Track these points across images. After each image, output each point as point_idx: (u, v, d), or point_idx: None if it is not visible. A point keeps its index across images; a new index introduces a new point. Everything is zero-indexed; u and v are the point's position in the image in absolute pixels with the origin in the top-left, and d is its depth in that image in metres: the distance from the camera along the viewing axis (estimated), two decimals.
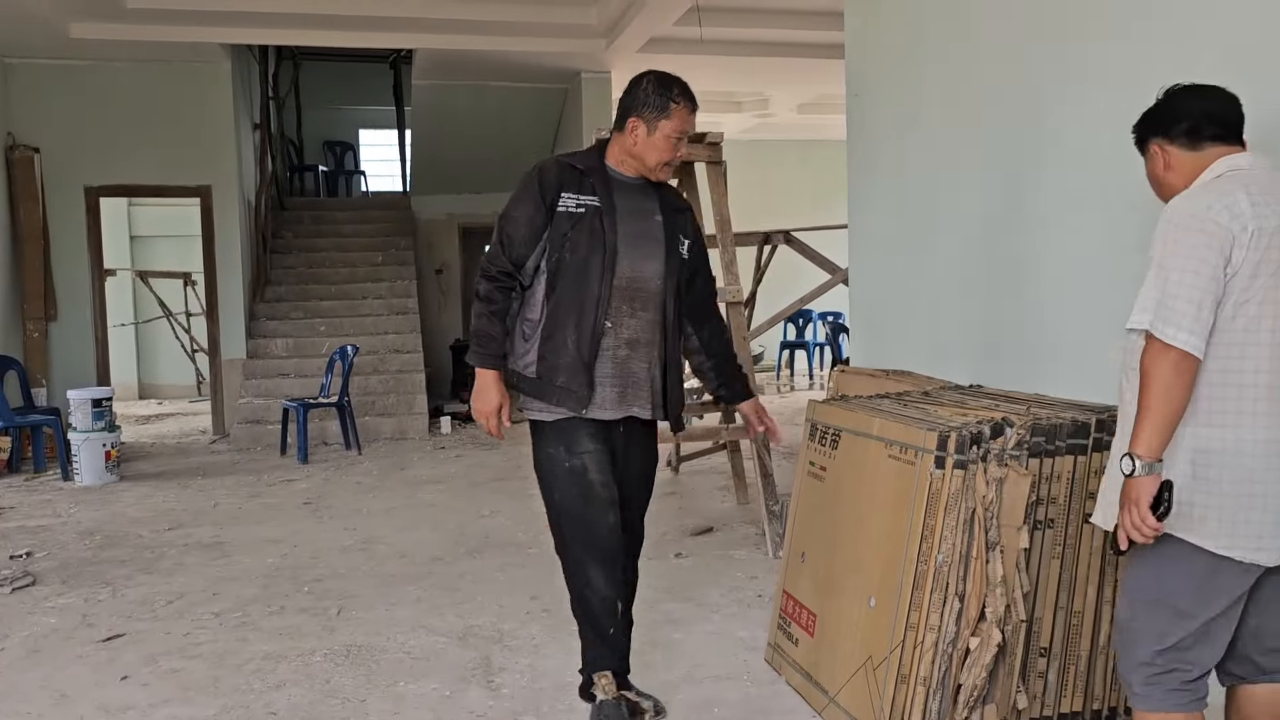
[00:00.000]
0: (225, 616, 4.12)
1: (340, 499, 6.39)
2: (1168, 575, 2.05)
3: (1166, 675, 2.08)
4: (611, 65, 9.23)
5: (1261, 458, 1.98)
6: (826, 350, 12.34)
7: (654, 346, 2.92)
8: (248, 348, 9.42)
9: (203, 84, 9.19)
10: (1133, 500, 1.98)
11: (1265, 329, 1.97)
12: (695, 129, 2.99)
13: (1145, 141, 2.23)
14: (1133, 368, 2.11)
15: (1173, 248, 1.96)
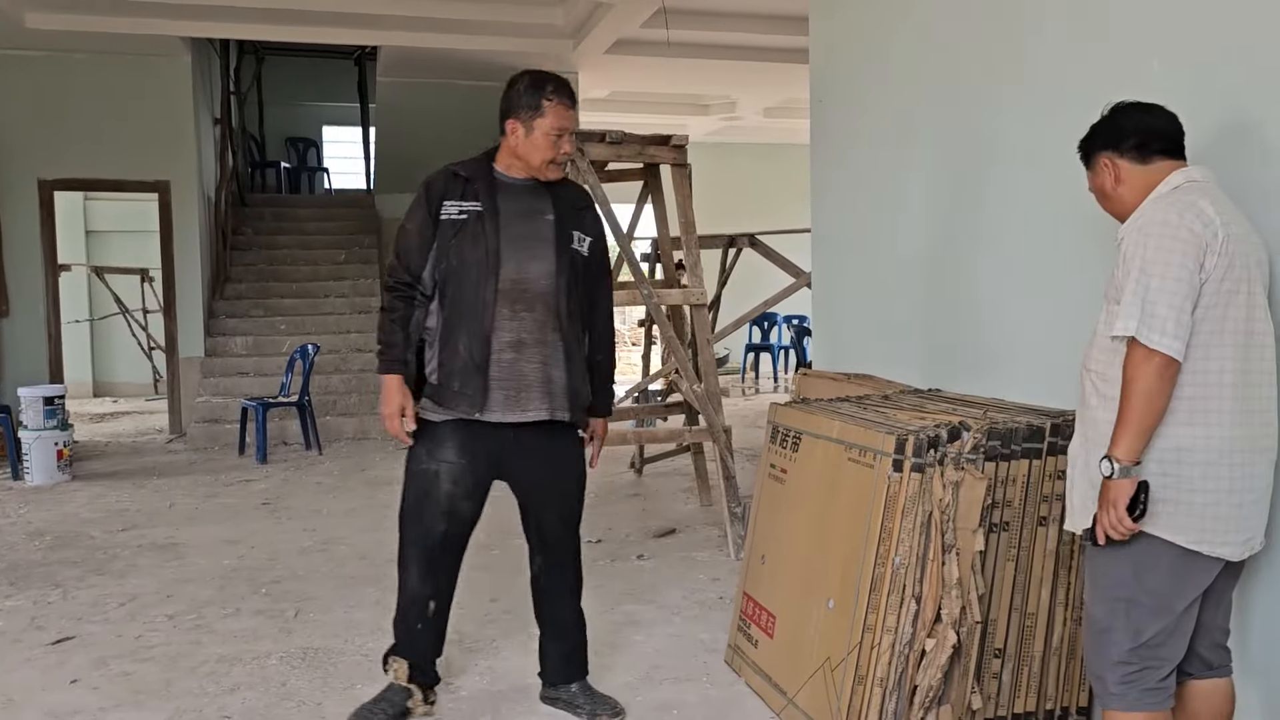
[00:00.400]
0: (179, 619, 4.06)
1: (300, 499, 6.32)
2: (1145, 572, 2.11)
3: (1140, 674, 2.14)
4: (579, 66, 9.22)
5: (1228, 454, 2.06)
6: (791, 353, 12.41)
7: (545, 346, 2.88)
8: (206, 346, 9.29)
9: (162, 77, 9.06)
10: (1111, 501, 2.06)
11: (1229, 330, 2.06)
12: (578, 124, 2.98)
13: (1092, 155, 2.30)
14: (1099, 372, 2.17)
15: (1151, 255, 2.02)
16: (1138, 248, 2.06)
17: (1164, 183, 2.17)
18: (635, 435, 5.14)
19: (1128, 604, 2.13)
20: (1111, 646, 2.16)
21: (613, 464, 7.29)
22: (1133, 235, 2.09)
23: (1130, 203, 2.22)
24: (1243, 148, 2.45)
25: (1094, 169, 2.30)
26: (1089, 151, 2.31)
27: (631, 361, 16.34)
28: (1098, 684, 2.22)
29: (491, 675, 3.43)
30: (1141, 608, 2.12)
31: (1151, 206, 2.12)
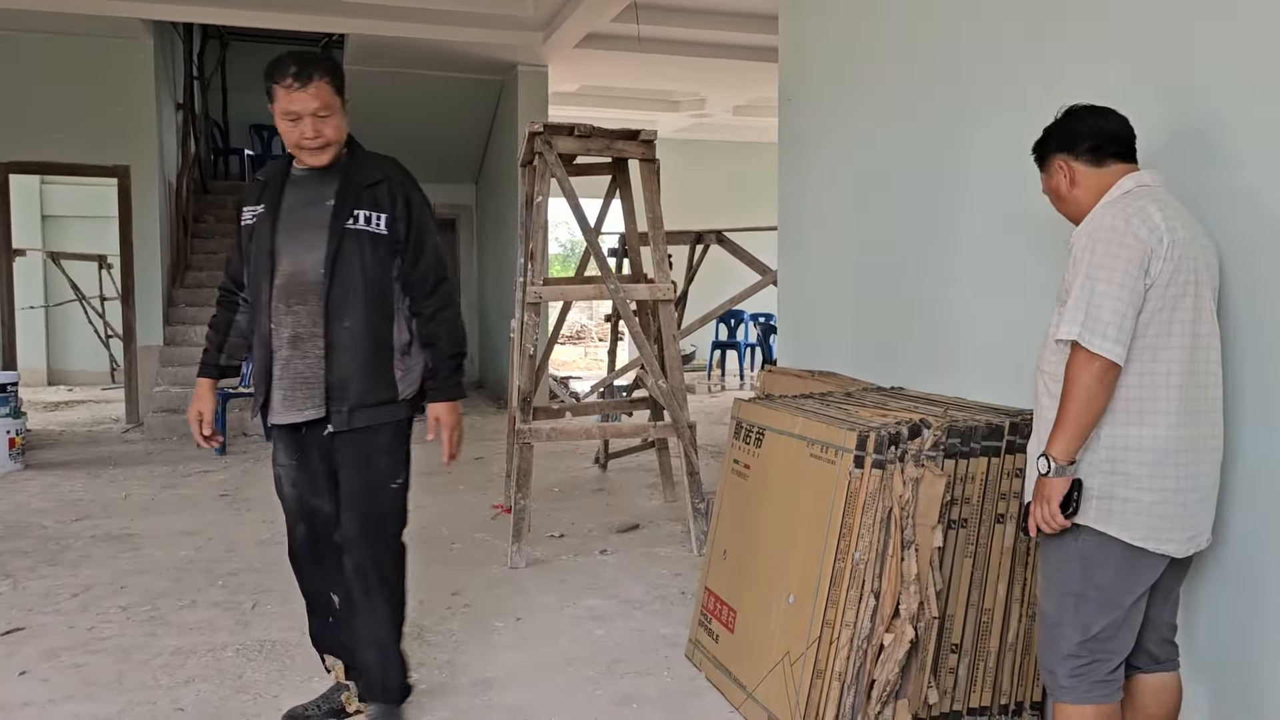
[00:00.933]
0: (133, 610, 4.00)
1: (259, 491, 6.24)
2: (1094, 568, 2.16)
3: (1090, 666, 2.19)
4: (549, 59, 9.18)
5: (1174, 454, 2.11)
6: (757, 351, 12.45)
7: (318, 340, 2.72)
8: (165, 334, 9.15)
9: (123, 60, 8.89)
10: (1045, 498, 2.12)
11: (1175, 333, 2.10)
12: (321, 104, 2.77)
13: (1047, 157, 2.34)
14: (1050, 373, 2.21)
15: (1098, 261, 2.06)
16: (1085, 252, 2.09)
17: (1116, 186, 2.22)
18: (600, 430, 5.14)
19: (1077, 598, 2.18)
20: (1061, 640, 2.21)
21: (577, 459, 7.28)
22: (1082, 240, 2.13)
23: (1085, 205, 2.26)
24: (1197, 150, 2.49)
25: (1048, 171, 2.33)
26: (1043, 153, 2.34)
27: (598, 357, 16.33)
28: (1049, 677, 2.27)
29: (450, 669, 3.41)
30: (1090, 602, 2.17)
31: (1101, 211, 2.15)
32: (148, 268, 9.13)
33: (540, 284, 4.85)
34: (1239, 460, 2.37)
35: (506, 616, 3.92)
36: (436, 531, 5.23)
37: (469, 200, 12.26)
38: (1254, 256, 2.35)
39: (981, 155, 3.32)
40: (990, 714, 2.90)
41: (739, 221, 9.63)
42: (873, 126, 4.00)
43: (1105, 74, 2.76)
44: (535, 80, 9.43)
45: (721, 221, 8.16)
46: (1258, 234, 2.33)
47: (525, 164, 5.37)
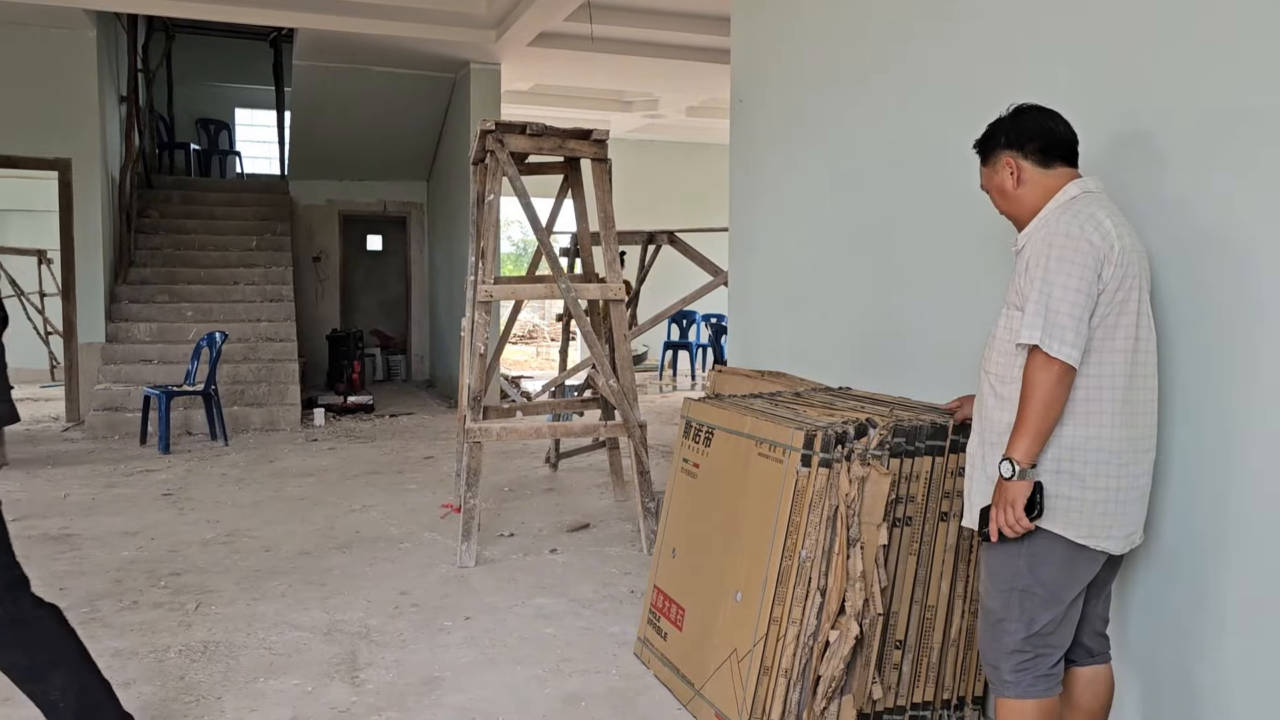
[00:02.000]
0: (72, 612, 3.88)
1: (203, 491, 6.15)
2: (1039, 565, 2.20)
3: (1033, 661, 2.23)
4: (502, 57, 9.15)
5: (1116, 454, 2.17)
6: (709, 351, 12.52)
7: None
8: (108, 331, 8.96)
9: (65, 51, 8.69)
10: (1009, 502, 2.14)
11: (1120, 337, 2.16)
12: None
13: (994, 153, 2.35)
14: (997, 374, 2.26)
15: (1054, 265, 2.10)
16: (1041, 257, 2.12)
17: (1062, 191, 2.26)
18: (551, 429, 5.13)
19: (1022, 594, 2.22)
20: (1006, 636, 2.25)
21: (528, 458, 7.27)
22: (1036, 245, 2.16)
23: (1029, 205, 2.29)
24: (1140, 155, 2.56)
25: (994, 167, 2.34)
26: (990, 148, 2.35)
27: (550, 356, 16.29)
28: (993, 673, 2.31)
29: (398, 668, 3.39)
30: (1034, 598, 2.22)
31: (1054, 217, 2.18)
32: (89, 263, 8.93)
33: (491, 283, 4.83)
34: (1172, 460, 2.45)
35: (455, 616, 3.90)
36: (384, 530, 5.19)
37: (420, 198, 12.18)
38: (1193, 261, 2.42)
39: (930, 158, 3.38)
40: (933, 709, 2.95)
41: (691, 222, 9.69)
42: (823, 128, 4.05)
43: (1052, 75, 2.82)
44: (488, 78, 9.39)
45: (673, 222, 8.20)
46: (1196, 239, 2.41)
47: (477, 162, 5.35)
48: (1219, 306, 2.35)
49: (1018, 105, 2.36)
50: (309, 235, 11.77)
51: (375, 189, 11.97)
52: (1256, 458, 2.27)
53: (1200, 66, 2.39)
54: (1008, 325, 2.24)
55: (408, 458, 7.31)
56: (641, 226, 7.27)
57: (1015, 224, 2.36)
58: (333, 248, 12.00)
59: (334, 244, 12.01)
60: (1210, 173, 2.37)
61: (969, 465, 2.39)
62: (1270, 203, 2.23)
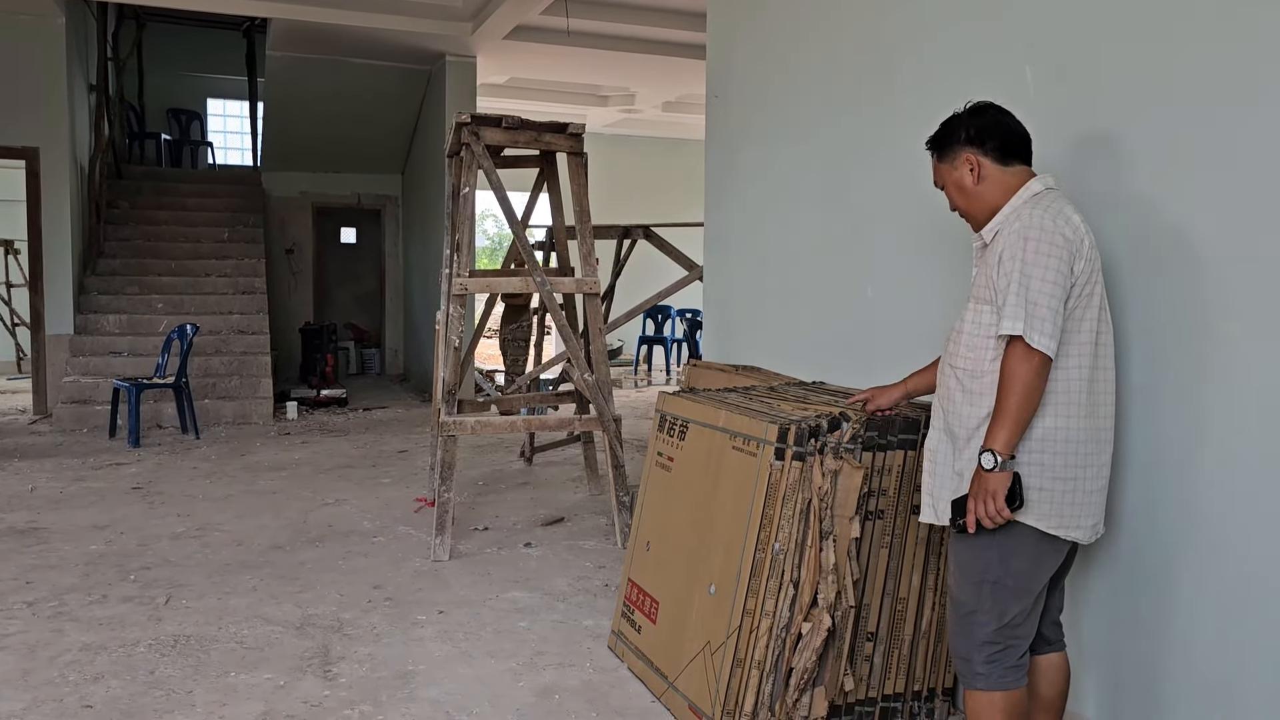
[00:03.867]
0: (39, 606, 3.87)
1: (174, 484, 6.09)
2: (1010, 556, 2.21)
3: (1004, 652, 2.25)
4: (477, 50, 9.11)
5: (1083, 444, 2.19)
6: (684, 346, 12.54)
7: None
8: (76, 323, 8.84)
9: (33, 38, 8.56)
10: (990, 493, 2.14)
11: (1084, 329, 2.18)
12: None
13: (952, 149, 2.35)
14: (966, 369, 2.26)
15: (1031, 258, 2.11)
16: (1017, 249, 2.13)
17: (1024, 188, 2.27)
18: (525, 423, 5.12)
19: (993, 586, 2.24)
20: (977, 628, 2.26)
21: (503, 452, 7.26)
22: (1010, 238, 2.16)
23: (989, 202, 2.31)
24: (1102, 154, 2.59)
25: (953, 163, 2.34)
26: (948, 145, 2.35)
27: None
28: (963, 665, 2.31)
29: (372, 663, 3.38)
30: (1005, 589, 2.23)
31: (1026, 210, 2.19)
32: (58, 254, 8.80)
33: (466, 276, 4.82)
34: (1130, 452, 2.49)
35: (429, 609, 3.89)
36: (357, 524, 5.17)
37: (395, 191, 12.11)
38: (1156, 258, 2.45)
39: (904, 154, 3.40)
40: (904, 700, 2.98)
41: (666, 217, 9.69)
42: (798, 124, 4.06)
43: (1023, 75, 2.85)
44: (463, 71, 9.34)
45: (649, 217, 8.20)
46: (1162, 236, 2.44)
47: (452, 155, 5.33)
48: (1180, 304, 2.39)
49: (975, 103, 2.37)
50: (282, 227, 11.68)
51: (349, 181, 11.89)
52: (1211, 455, 2.31)
53: (1162, 66, 2.43)
54: (976, 320, 2.25)
55: (381, 452, 7.27)
56: (617, 221, 7.26)
57: (971, 221, 2.37)
58: (306, 240, 11.91)
59: (307, 236, 11.92)
60: (1171, 171, 2.41)
61: (929, 462, 2.39)
62: (1227, 201, 2.27)
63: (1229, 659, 2.30)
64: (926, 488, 2.40)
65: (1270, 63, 2.18)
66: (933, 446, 2.38)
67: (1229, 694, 2.30)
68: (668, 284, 6.54)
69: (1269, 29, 2.18)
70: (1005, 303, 2.12)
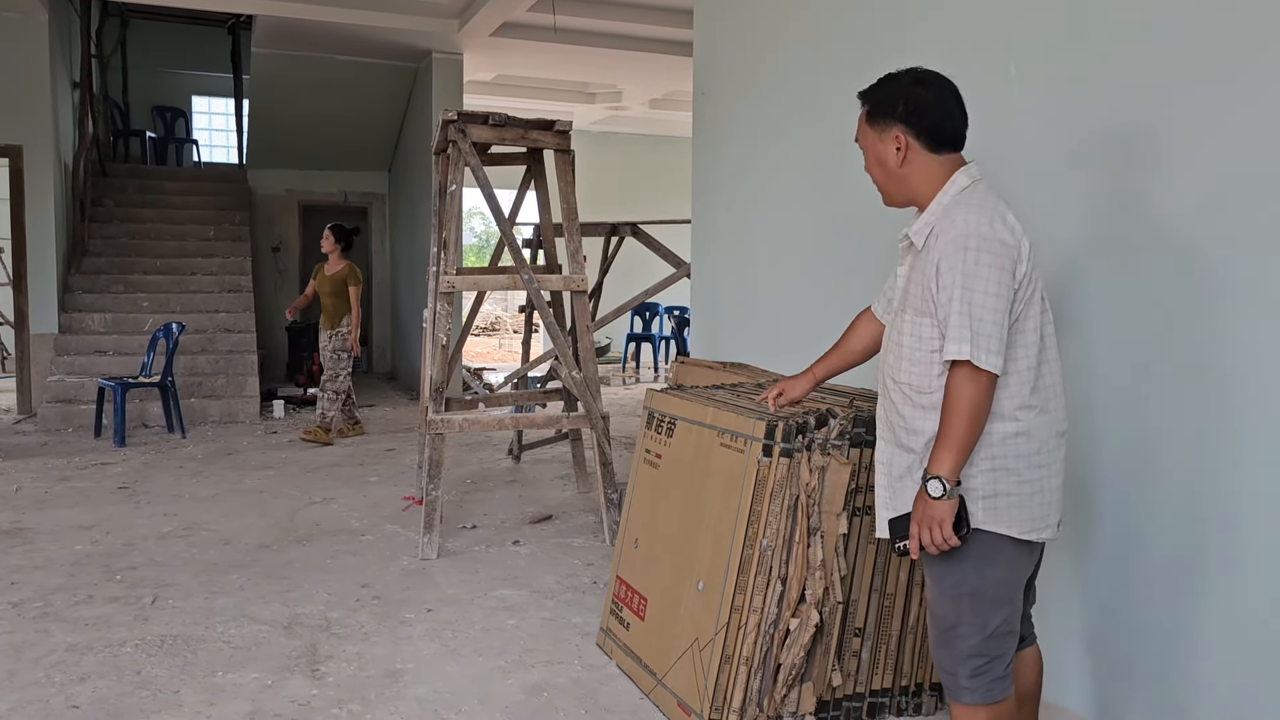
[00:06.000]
0: (24, 607, 3.85)
1: (160, 484, 6.07)
2: (986, 566, 2.12)
3: (990, 664, 2.14)
4: (464, 47, 9.09)
5: (1043, 442, 2.10)
6: (672, 344, 12.54)
7: None
8: (61, 322, 8.79)
9: (15, 34, 8.50)
10: (937, 521, 2.04)
11: (1029, 329, 2.08)
12: None
13: (884, 120, 2.16)
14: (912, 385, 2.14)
15: (972, 270, 1.99)
16: (956, 261, 2.00)
17: (951, 182, 2.13)
18: (513, 421, 5.12)
19: (973, 598, 2.14)
20: (960, 641, 2.15)
21: (491, 450, 7.25)
22: (947, 248, 2.03)
23: (911, 188, 2.18)
24: (1091, 147, 2.61)
25: (881, 134, 2.18)
26: (882, 114, 2.17)
27: (513, 348, 16.23)
28: (950, 679, 2.19)
29: (360, 661, 3.37)
30: (985, 599, 2.14)
31: (960, 215, 2.05)
32: (42, 252, 8.75)
33: (454, 273, 4.81)
34: (1102, 446, 2.50)
35: (417, 608, 3.89)
36: (345, 523, 5.16)
37: (381, 188, 12.07)
38: (1137, 252, 2.47)
39: None
40: (892, 695, 2.99)
41: (654, 214, 9.68)
42: (785, 121, 4.07)
43: (1008, 70, 2.86)
44: (450, 68, 9.32)
45: (637, 214, 8.19)
46: (1147, 235, 2.46)
47: (439, 152, 5.32)
48: (1168, 296, 2.40)
49: (920, 71, 2.17)
50: (268, 225, 11.63)
51: (336, 179, 11.85)
52: (1178, 451, 2.33)
53: (1152, 61, 2.44)
54: (916, 334, 2.12)
55: (369, 450, 7.26)
56: (604, 218, 7.25)
57: (884, 196, 2.26)
58: (292, 238, 11.86)
59: (294, 234, 11.87)
60: (1161, 170, 2.42)
61: (880, 474, 2.28)
62: (1219, 200, 2.28)
63: (1215, 653, 2.31)
64: (882, 502, 2.26)
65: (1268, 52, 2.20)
66: (885, 459, 2.26)
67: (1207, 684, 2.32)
68: (655, 281, 6.54)
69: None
70: (949, 324, 2.01)
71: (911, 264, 2.18)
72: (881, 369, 2.28)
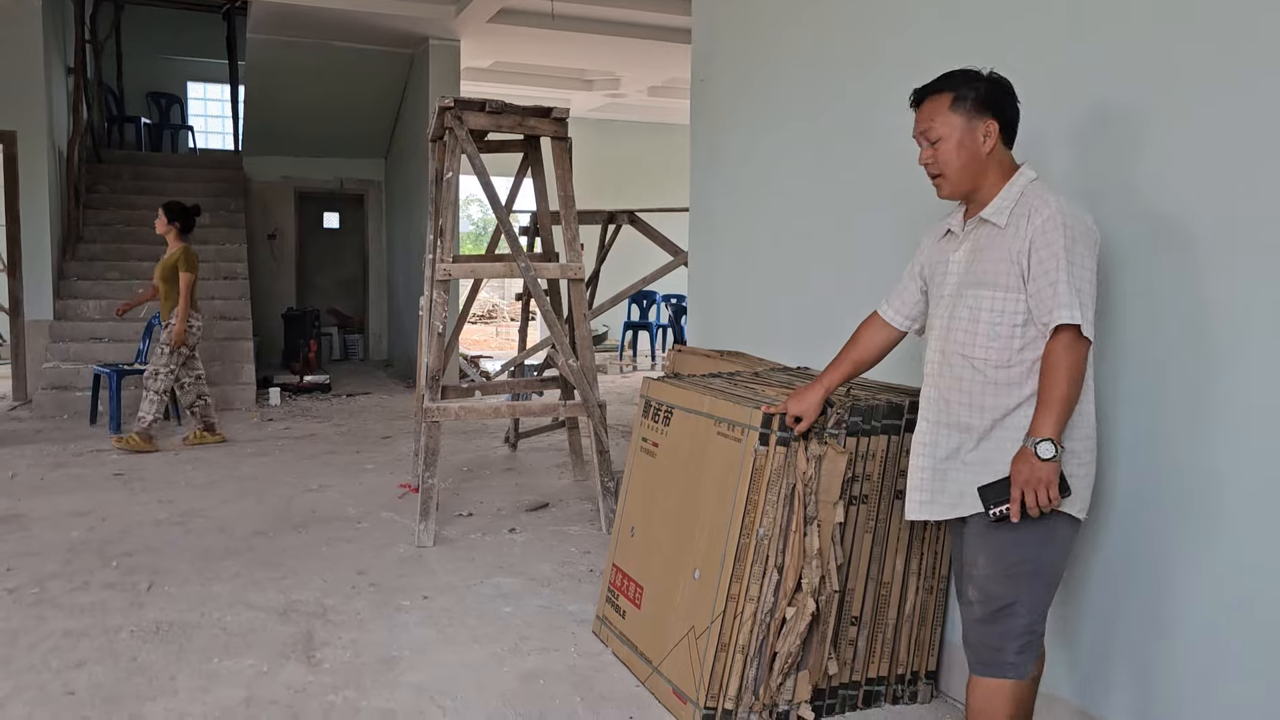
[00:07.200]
0: (20, 593, 3.85)
1: (156, 471, 6.06)
2: (1045, 545, 2.20)
3: (1034, 641, 2.26)
4: (461, 33, 9.04)
5: (1092, 425, 2.22)
6: (669, 332, 12.54)
7: None
8: (56, 308, 8.76)
9: (9, 19, 8.44)
10: (1046, 482, 2.10)
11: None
12: None
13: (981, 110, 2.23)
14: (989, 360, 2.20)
15: (1075, 248, 2.10)
16: (1058, 236, 2.10)
17: (1019, 174, 2.26)
18: (510, 409, 5.12)
19: (1031, 577, 2.21)
20: (1014, 619, 2.22)
21: (487, 438, 7.25)
22: (1046, 225, 2.12)
23: (985, 179, 2.26)
24: (1093, 139, 2.60)
25: (970, 121, 2.24)
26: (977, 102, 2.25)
27: (509, 336, 16.21)
28: (991, 654, 2.25)
29: (355, 648, 3.37)
30: (1042, 579, 2.22)
31: (1051, 198, 2.15)
32: (36, 239, 8.71)
33: (450, 261, 4.80)
34: (1122, 434, 2.50)
35: (413, 595, 3.89)
36: (341, 510, 5.15)
37: (378, 175, 12.03)
38: (1156, 239, 2.46)
39: (890, 137, 3.40)
40: (888, 683, 3.00)
41: (651, 202, 9.67)
42: (784, 108, 4.05)
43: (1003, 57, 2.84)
44: (447, 54, 9.27)
45: (634, 202, 8.18)
46: (1157, 219, 2.45)
47: (435, 139, 5.29)
48: (1178, 286, 2.38)
49: (997, 75, 2.29)
50: (264, 212, 11.59)
51: (332, 166, 11.80)
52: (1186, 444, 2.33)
53: (1148, 46, 2.43)
54: (998, 308, 2.19)
55: (365, 438, 7.25)
56: (602, 206, 7.24)
57: (945, 185, 2.30)
58: (288, 225, 11.83)
59: (289, 221, 11.84)
60: (1163, 155, 2.41)
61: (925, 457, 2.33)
62: (1221, 190, 2.27)
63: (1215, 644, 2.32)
64: (921, 484, 2.34)
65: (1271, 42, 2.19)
66: (930, 441, 2.33)
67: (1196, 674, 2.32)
68: (652, 269, 6.53)
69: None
70: (1056, 292, 2.09)
71: (978, 245, 2.27)
72: (941, 348, 2.31)
